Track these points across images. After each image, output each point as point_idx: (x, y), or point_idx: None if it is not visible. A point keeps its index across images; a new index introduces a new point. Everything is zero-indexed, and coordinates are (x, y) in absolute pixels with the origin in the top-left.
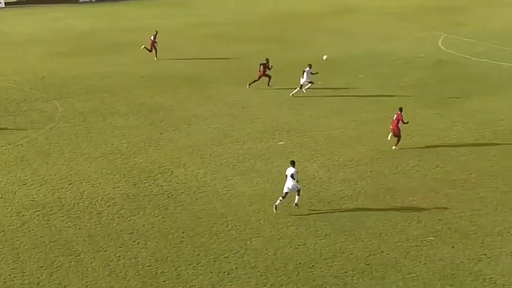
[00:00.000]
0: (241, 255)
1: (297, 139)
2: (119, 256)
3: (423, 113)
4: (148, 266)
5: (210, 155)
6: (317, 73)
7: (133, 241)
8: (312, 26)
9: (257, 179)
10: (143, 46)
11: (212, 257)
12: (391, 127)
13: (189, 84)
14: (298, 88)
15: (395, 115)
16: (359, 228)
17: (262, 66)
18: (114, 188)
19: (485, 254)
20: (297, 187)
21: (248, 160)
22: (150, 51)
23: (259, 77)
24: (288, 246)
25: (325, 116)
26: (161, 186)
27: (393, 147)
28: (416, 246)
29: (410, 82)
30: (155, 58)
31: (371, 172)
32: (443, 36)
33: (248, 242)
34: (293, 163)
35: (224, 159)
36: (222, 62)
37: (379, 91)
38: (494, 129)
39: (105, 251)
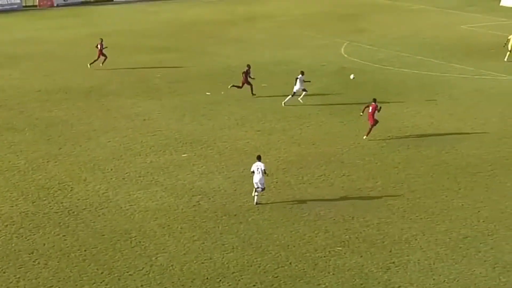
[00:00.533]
0: (146, 272)
1: (201, 151)
2: (19, 278)
3: (328, 121)
4: (50, 286)
5: (111, 169)
6: (309, 81)
7: (34, 261)
8: (214, 35)
9: (160, 193)
10: (91, 62)
11: (116, 275)
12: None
13: (88, 97)
14: (291, 96)
15: (370, 107)
16: (267, 240)
17: (243, 74)
18: (12, 206)
19: (393, 263)
20: (264, 182)
21: (151, 174)
22: (98, 58)
23: (242, 84)
24: (195, 261)
25: (229, 127)
26: (61, 203)
27: (364, 137)
28: (325, 256)
29: (314, 90)
30: (101, 64)
31: (277, 182)
32: (345, 43)
33: (153, 259)
34: (259, 158)
35: (126, 173)
36: (121, 73)
37: (283, 100)
38: (399, 136)
39: (4, 272)
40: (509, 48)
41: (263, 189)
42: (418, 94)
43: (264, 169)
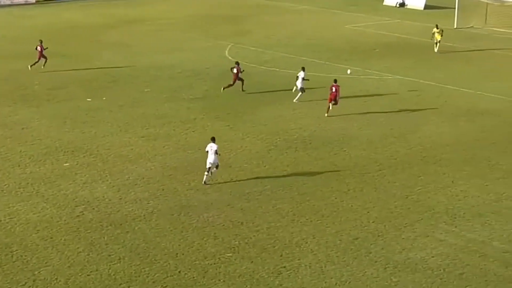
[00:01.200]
0: (29, 287)
1: (83, 159)
2: None
3: (213, 125)
4: None
5: None
6: (308, 79)
7: None
8: (93, 39)
9: (42, 204)
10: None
11: None
12: (328, 100)
13: None
14: (300, 93)
15: (333, 88)
16: (154, 249)
17: (232, 70)
18: None
19: (284, 267)
20: (217, 162)
21: (31, 185)
22: (38, 61)
23: (234, 82)
24: (80, 274)
25: (112, 134)
26: None
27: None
28: (215, 263)
29: (198, 94)
30: (42, 67)
31: (163, 190)
32: (229, 45)
33: (36, 273)
34: (213, 139)
35: (5, 185)
36: None
37: (167, 105)
38: (286, 138)
39: None
40: (435, 40)
41: (217, 167)
42: (304, 95)
43: (216, 150)
